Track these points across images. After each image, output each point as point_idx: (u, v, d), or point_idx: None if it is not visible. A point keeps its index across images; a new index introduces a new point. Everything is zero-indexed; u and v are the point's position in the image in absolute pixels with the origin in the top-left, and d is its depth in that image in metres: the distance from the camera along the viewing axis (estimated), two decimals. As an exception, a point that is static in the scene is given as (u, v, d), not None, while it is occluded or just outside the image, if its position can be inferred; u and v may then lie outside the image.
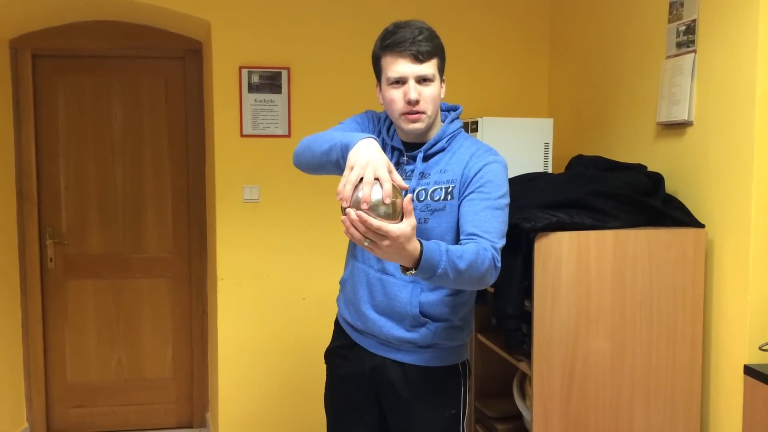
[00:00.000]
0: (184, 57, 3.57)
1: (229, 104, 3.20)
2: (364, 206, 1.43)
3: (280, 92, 3.22)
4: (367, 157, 1.49)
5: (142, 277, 3.64)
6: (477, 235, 1.64)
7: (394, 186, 1.46)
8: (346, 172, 1.50)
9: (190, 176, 3.63)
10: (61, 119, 3.53)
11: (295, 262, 3.30)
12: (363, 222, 1.40)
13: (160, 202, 3.64)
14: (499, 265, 1.64)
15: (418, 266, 1.48)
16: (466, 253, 1.55)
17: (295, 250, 3.30)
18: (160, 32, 3.50)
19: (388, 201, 1.44)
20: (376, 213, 1.44)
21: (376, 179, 1.46)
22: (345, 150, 1.57)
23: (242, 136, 3.22)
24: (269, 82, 3.21)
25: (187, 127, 3.61)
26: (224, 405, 3.30)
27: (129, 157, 3.59)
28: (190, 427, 3.77)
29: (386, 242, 1.41)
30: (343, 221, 1.43)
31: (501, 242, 1.68)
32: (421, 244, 1.47)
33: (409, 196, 1.45)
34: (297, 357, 3.31)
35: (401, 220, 1.45)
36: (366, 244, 1.43)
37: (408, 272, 1.50)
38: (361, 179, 1.46)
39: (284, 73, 3.22)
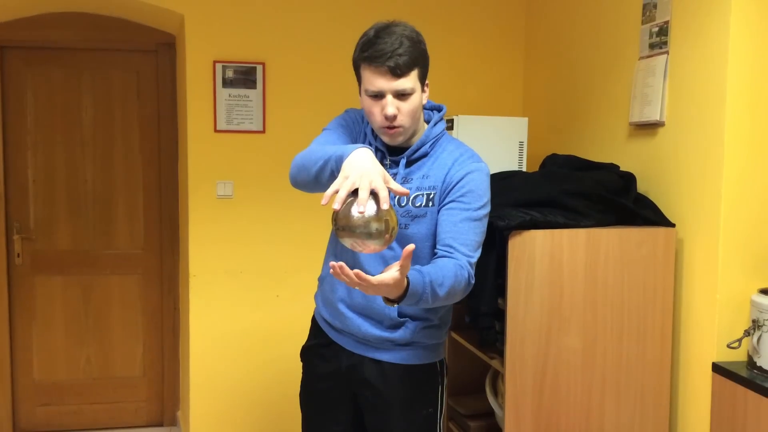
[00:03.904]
0: (156, 50, 3.52)
1: (202, 99, 3.16)
2: (360, 213, 1.41)
3: (254, 87, 3.19)
4: (363, 167, 1.48)
5: (112, 273, 3.59)
6: (453, 248, 1.66)
7: (389, 204, 1.46)
8: (338, 180, 1.48)
9: (162, 171, 3.58)
10: (30, 112, 3.46)
11: (268, 258, 3.28)
12: (363, 279, 1.41)
13: (131, 198, 3.58)
14: (473, 281, 1.68)
15: (402, 299, 1.51)
16: (446, 279, 1.58)
17: (269, 247, 3.27)
18: (132, 25, 3.45)
19: (385, 207, 1.44)
20: (368, 230, 1.43)
21: (372, 191, 1.45)
22: (340, 161, 1.56)
23: (216, 131, 3.18)
24: (244, 77, 3.18)
25: (159, 121, 3.56)
26: (195, 403, 3.27)
27: (99, 151, 3.53)
28: (161, 425, 3.72)
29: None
30: (332, 268, 1.41)
31: (476, 255, 1.70)
32: (407, 279, 1.49)
33: (412, 246, 1.43)
34: (270, 355, 3.29)
35: (391, 237, 1.46)
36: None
37: (390, 303, 1.54)
38: (355, 191, 1.45)
39: (259, 69, 3.19)
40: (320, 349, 1.93)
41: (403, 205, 1.75)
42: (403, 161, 1.77)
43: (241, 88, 3.18)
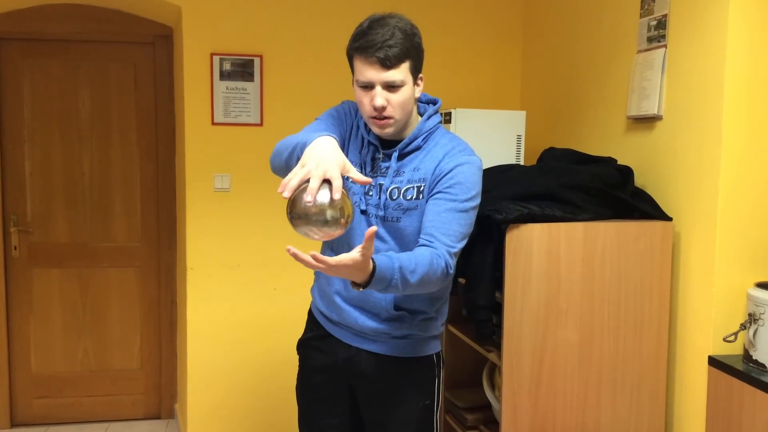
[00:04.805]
0: (154, 42, 3.51)
1: (200, 92, 3.16)
2: (309, 204, 1.42)
3: (252, 80, 3.19)
4: (321, 155, 1.48)
5: (109, 266, 3.59)
6: (434, 237, 1.65)
7: (343, 192, 1.46)
8: (296, 168, 1.48)
9: (159, 164, 3.58)
10: (27, 104, 3.45)
11: (266, 251, 3.27)
12: (322, 261, 1.40)
13: (129, 190, 3.58)
14: (452, 271, 1.65)
15: (368, 284, 1.50)
16: (419, 266, 1.56)
17: (266, 240, 3.27)
18: (130, 17, 3.44)
19: (337, 196, 1.44)
20: (323, 217, 1.43)
21: (326, 180, 1.45)
22: (304, 149, 1.56)
23: (213, 124, 3.18)
24: (241, 69, 3.17)
25: (156, 114, 3.56)
26: (193, 396, 3.27)
27: (96, 143, 3.53)
28: (158, 418, 3.73)
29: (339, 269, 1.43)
30: (288, 251, 1.40)
31: (458, 246, 1.68)
32: (374, 263, 1.48)
33: (374, 227, 1.43)
34: (267, 348, 3.29)
35: (347, 223, 1.46)
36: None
37: (357, 287, 1.52)
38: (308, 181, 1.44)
39: (256, 61, 3.18)
40: (317, 342, 1.93)
41: (395, 198, 1.75)
42: (395, 154, 1.77)
43: (239, 81, 3.17)
